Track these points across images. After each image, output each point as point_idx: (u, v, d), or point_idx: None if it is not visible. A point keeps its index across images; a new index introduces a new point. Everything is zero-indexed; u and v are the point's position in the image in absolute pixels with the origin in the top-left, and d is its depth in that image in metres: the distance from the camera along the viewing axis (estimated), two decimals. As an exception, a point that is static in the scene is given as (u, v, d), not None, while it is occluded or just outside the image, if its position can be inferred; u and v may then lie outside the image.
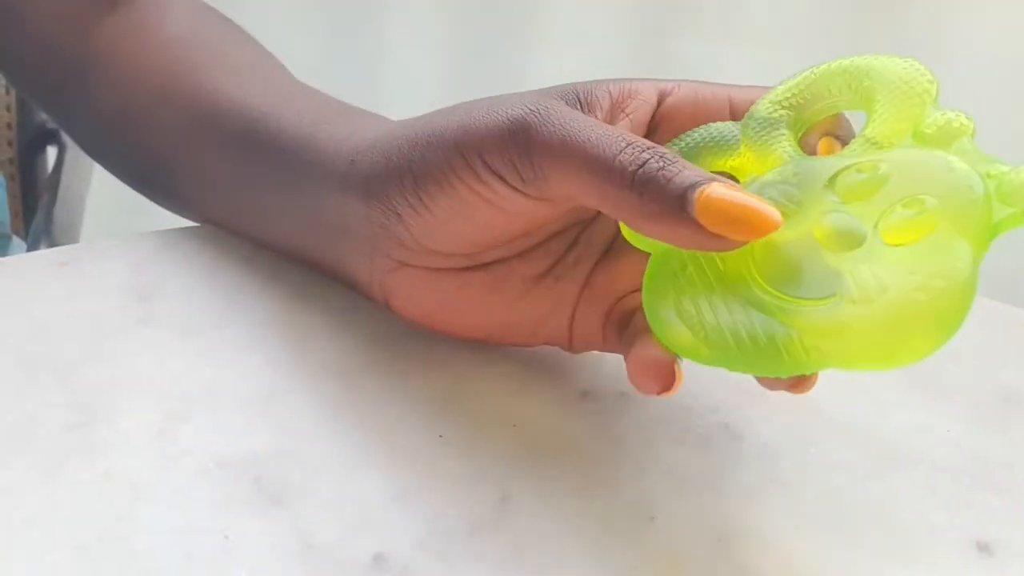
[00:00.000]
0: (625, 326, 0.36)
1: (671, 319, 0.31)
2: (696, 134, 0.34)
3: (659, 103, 0.35)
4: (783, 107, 0.33)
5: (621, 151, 0.31)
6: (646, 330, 0.33)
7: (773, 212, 0.29)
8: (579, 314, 0.37)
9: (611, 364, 0.38)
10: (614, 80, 0.35)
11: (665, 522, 0.32)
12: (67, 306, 0.39)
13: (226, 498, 0.32)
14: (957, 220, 0.28)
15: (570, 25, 1.30)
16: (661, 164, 0.30)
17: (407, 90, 1.33)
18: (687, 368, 0.32)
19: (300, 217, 0.40)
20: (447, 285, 0.37)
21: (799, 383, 0.31)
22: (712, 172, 0.32)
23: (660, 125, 0.35)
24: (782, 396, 0.32)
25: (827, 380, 0.39)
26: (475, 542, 0.31)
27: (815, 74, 0.34)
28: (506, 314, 0.37)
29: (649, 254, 0.33)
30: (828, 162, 0.31)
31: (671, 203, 0.30)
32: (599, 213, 0.37)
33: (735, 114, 0.35)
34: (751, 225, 0.29)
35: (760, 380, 0.32)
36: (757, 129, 0.33)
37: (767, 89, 0.34)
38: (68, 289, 0.40)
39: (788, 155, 0.32)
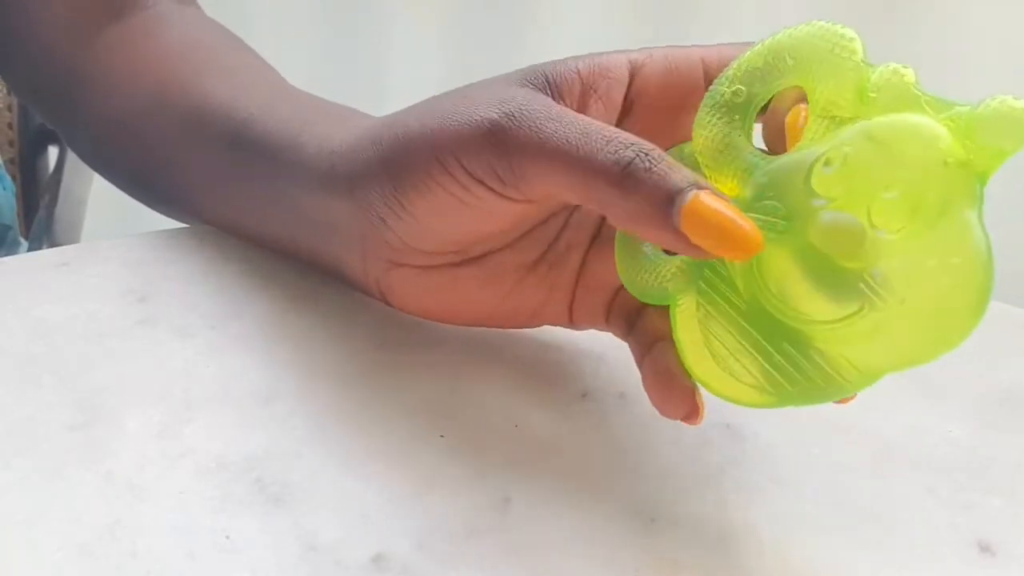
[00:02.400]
0: (632, 320, 0.35)
1: (717, 374, 0.31)
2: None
3: (632, 77, 0.34)
4: (729, 110, 0.32)
5: (602, 149, 0.30)
6: (661, 337, 0.33)
7: (755, 232, 0.29)
8: (578, 301, 0.37)
9: (611, 365, 0.38)
10: (583, 57, 0.34)
11: (666, 523, 0.32)
12: (68, 306, 0.39)
13: (227, 498, 0.32)
14: (942, 186, 0.28)
15: (570, 25, 1.30)
16: (648, 164, 0.30)
17: (408, 91, 1.33)
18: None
19: (290, 217, 0.40)
20: (441, 282, 0.37)
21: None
22: None
23: (636, 101, 0.34)
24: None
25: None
26: (475, 543, 0.31)
27: (746, 66, 0.32)
28: (503, 304, 0.37)
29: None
30: (794, 160, 0.30)
31: (656, 207, 0.29)
32: None
33: (708, 77, 0.33)
34: (734, 242, 0.29)
35: None
36: (708, 146, 0.32)
37: (737, 46, 0.33)
38: (69, 289, 0.40)
39: (747, 162, 0.31)
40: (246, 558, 0.30)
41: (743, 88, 0.32)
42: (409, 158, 0.34)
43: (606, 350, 0.38)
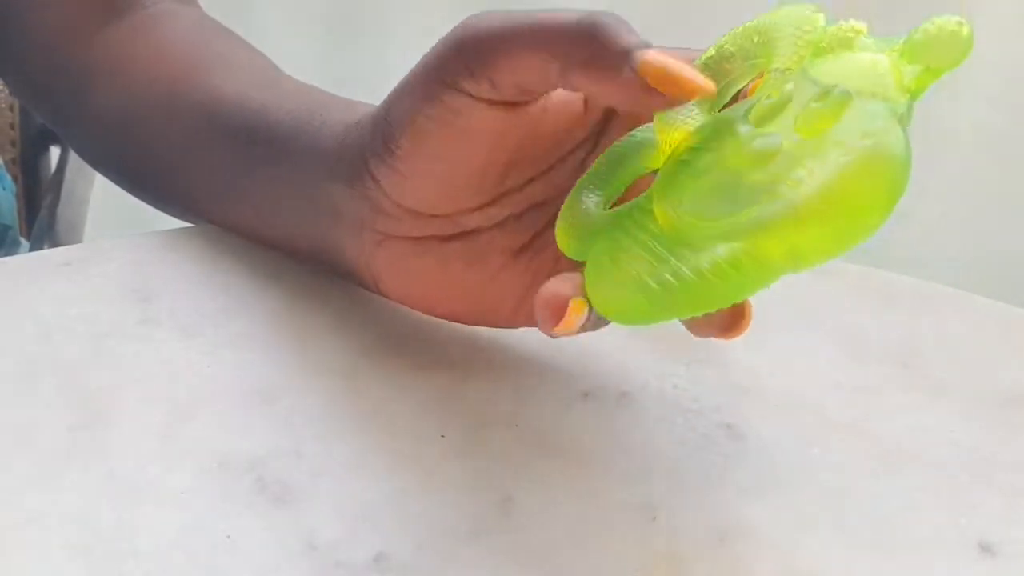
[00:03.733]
0: None
1: (614, 292, 0.30)
2: (619, 142, 0.34)
3: None
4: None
5: (563, 16, 0.31)
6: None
7: (707, 82, 0.30)
8: None
9: (612, 364, 0.38)
10: None
11: (666, 522, 0.32)
12: (69, 306, 0.39)
13: (228, 498, 0.32)
14: (870, 92, 0.28)
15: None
16: (608, 20, 0.31)
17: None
18: (690, 369, 0.32)
19: (296, 207, 0.40)
20: (430, 258, 0.37)
21: (732, 322, 0.31)
22: (637, 177, 0.33)
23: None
24: (784, 397, 0.32)
25: (829, 380, 0.39)
26: (476, 543, 0.31)
27: (718, 47, 0.33)
28: (488, 289, 0.37)
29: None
30: (738, 107, 0.31)
31: (614, 57, 0.30)
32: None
33: None
34: (684, 80, 0.30)
35: (691, 327, 0.32)
36: (663, 117, 0.32)
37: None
38: (70, 289, 0.40)
39: (695, 122, 0.32)
40: (247, 558, 0.30)
41: (714, 67, 0.32)
42: (394, 100, 0.35)
43: (607, 350, 0.38)
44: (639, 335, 0.39)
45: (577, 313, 0.31)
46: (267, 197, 0.41)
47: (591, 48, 0.31)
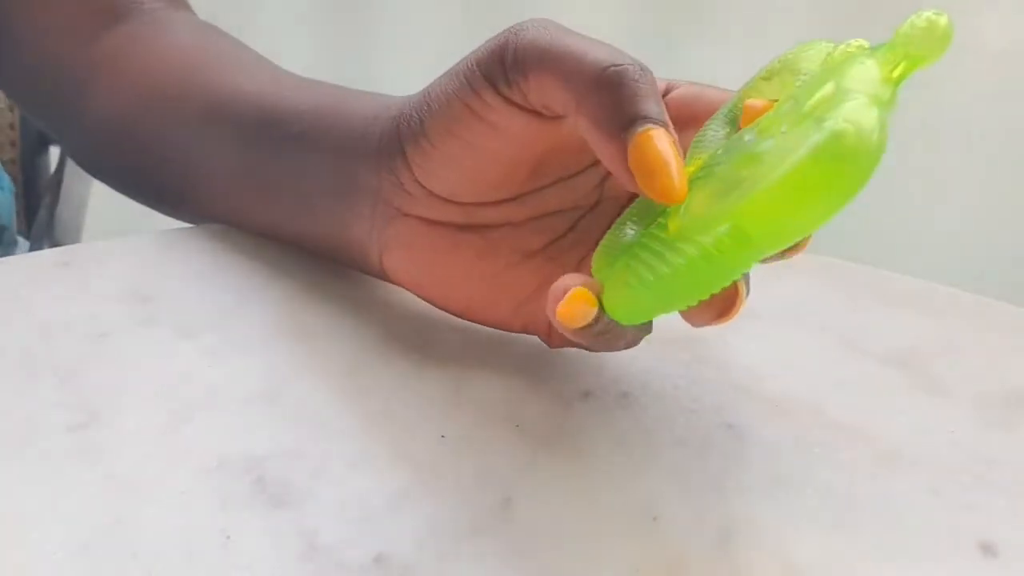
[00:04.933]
0: None
1: (617, 289, 0.31)
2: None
3: (664, 91, 0.36)
4: (723, 124, 0.34)
5: (602, 51, 0.32)
6: None
7: (681, 186, 0.30)
8: None
9: (613, 365, 0.38)
10: None
11: (667, 522, 0.32)
12: (69, 306, 0.39)
13: (227, 498, 0.32)
14: (857, 87, 0.28)
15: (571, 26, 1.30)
16: (637, 76, 0.31)
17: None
18: (690, 369, 0.32)
19: (310, 190, 0.40)
20: (440, 243, 0.37)
21: (725, 306, 0.31)
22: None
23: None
24: (784, 397, 0.32)
25: (830, 380, 0.39)
26: (477, 543, 0.31)
27: (745, 87, 0.34)
28: (491, 284, 0.37)
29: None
30: (746, 128, 0.32)
31: (620, 120, 0.31)
32: (598, 203, 0.37)
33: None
34: (660, 183, 0.30)
35: (688, 317, 0.32)
36: (694, 152, 0.33)
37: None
38: (69, 289, 0.40)
39: (718, 141, 0.33)
40: (246, 558, 0.30)
41: (739, 107, 0.34)
42: (437, 87, 0.36)
43: (607, 350, 0.38)
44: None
45: (579, 300, 0.31)
46: (277, 185, 0.42)
47: (605, 99, 0.31)
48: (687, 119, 0.36)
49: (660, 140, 0.31)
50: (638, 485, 0.34)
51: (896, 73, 0.29)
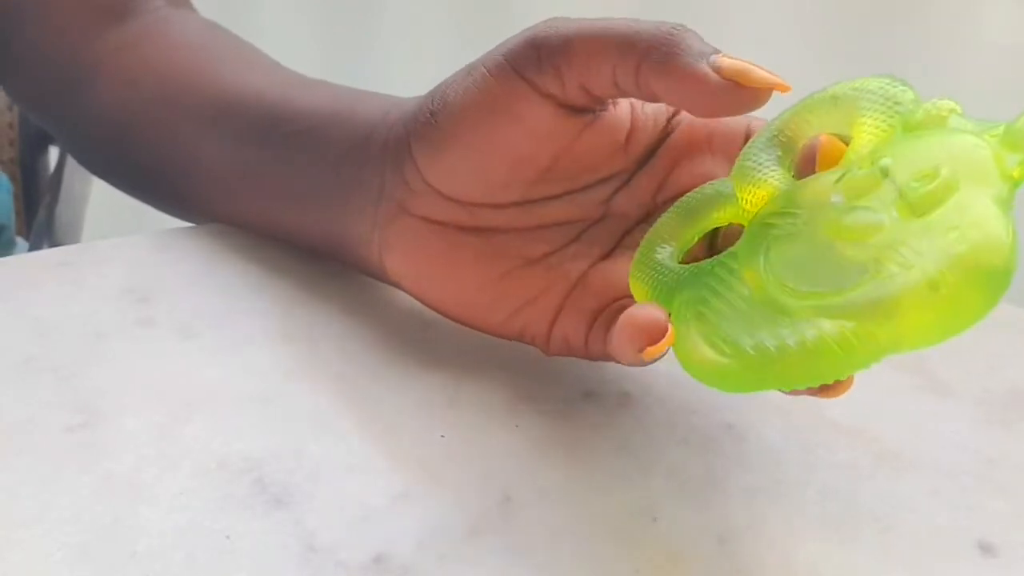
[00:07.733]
0: None
1: (705, 352, 0.29)
2: (691, 195, 0.34)
3: (670, 116, 0.37)
4: (772, 145, 0.33)
5: (642, 22, 0.33)
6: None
7: (782, 79, 0.31)
8: (566, 311, 0.36)
9: (614, 365, 0.38)
10: None
11: (667, 523, 0.32)
12: (67, 306, 0.39)
13: (227, 499, 0.32)
14: (974, 178, 0.27)
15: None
16: (686, 28, 0.32)
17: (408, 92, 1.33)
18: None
19: (314, 187, 0.40)
20: (441, 242, 0.37)
21: (832, 386, 0.30)
22: (714, 227, 0.34)
23: (675, 131, 0.37)
24: (784, 397, 0.32)
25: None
26: (476, 543, 0.31)
27: (795, 111, 0.33)
28: (490, 288, 0.37)
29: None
30: (823, 177, 0.30)
31: (694, 56, 0.32)
32: (604, 217, 0.37)
33: (750, 133, 0.36)
34: (763, 79, 0.31)
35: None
36: (745, 173, 0.32)
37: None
38: (68, 289, 0.40)
39: (780, 183, 0.31)
40: (246, 558, 0.30)
41: (790, 131, 0.33)
42: (452, 83, 0.36)
43: (607, 350, 0.38)
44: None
45: (669, 343, 0.30)
46: (281, 182, 0.42)
47: (670, 48, 0.32)
48: (702, 140, 0.36)
49: (737, 59, 0.31)
50: (638, 486, 0.34)
51: (1016, 171, 0.28)
